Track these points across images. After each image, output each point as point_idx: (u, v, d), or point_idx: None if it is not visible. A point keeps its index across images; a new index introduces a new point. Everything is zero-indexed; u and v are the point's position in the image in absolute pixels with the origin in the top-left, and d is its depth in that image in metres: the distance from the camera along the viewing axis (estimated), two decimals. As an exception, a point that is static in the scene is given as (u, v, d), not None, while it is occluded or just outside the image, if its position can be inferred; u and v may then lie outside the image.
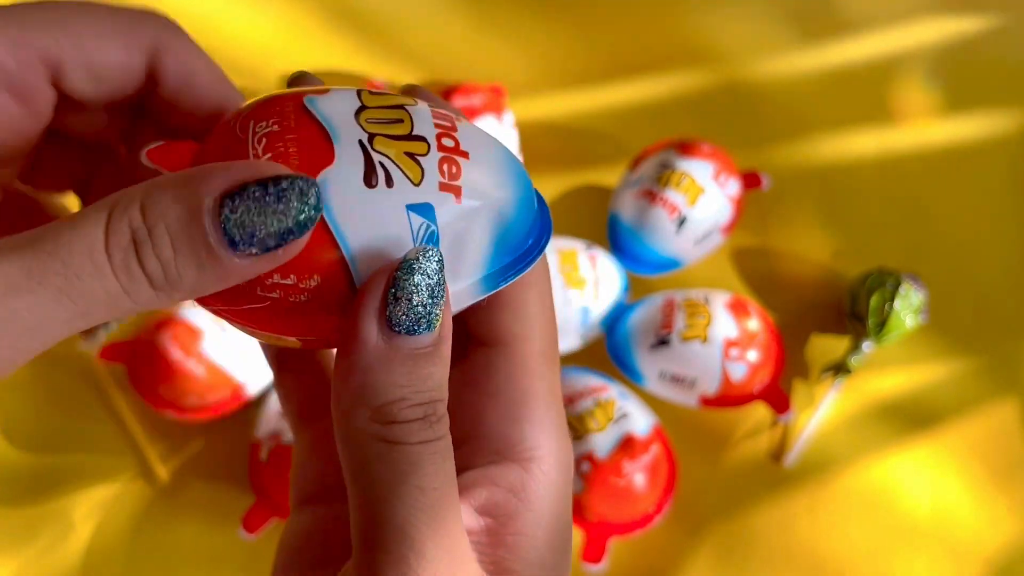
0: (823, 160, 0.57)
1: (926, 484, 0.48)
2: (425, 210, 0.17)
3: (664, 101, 0.59)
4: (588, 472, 0.43)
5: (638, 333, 0.48)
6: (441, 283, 0.16)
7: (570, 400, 0.45)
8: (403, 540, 0.16)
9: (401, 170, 0.17)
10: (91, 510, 0.48)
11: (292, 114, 0.17)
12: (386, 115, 0.17)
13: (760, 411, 0.49)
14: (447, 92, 0.54)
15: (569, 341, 0.48)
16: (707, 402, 0.47)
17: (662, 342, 0.46)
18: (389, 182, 0.16)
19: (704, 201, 0.50)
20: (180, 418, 0.47)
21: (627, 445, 0.43)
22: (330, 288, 0.17)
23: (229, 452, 0.48)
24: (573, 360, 0.49)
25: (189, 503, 0.48)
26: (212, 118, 0.19)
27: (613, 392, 0.46)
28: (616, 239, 0.51)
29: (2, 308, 0.14)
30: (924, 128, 0.58)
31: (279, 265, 0.16)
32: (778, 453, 0.48)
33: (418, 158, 0.17)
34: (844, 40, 0.61)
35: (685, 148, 0.51)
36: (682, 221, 0.49)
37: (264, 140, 0.17)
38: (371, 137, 0.17)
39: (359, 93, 0.18)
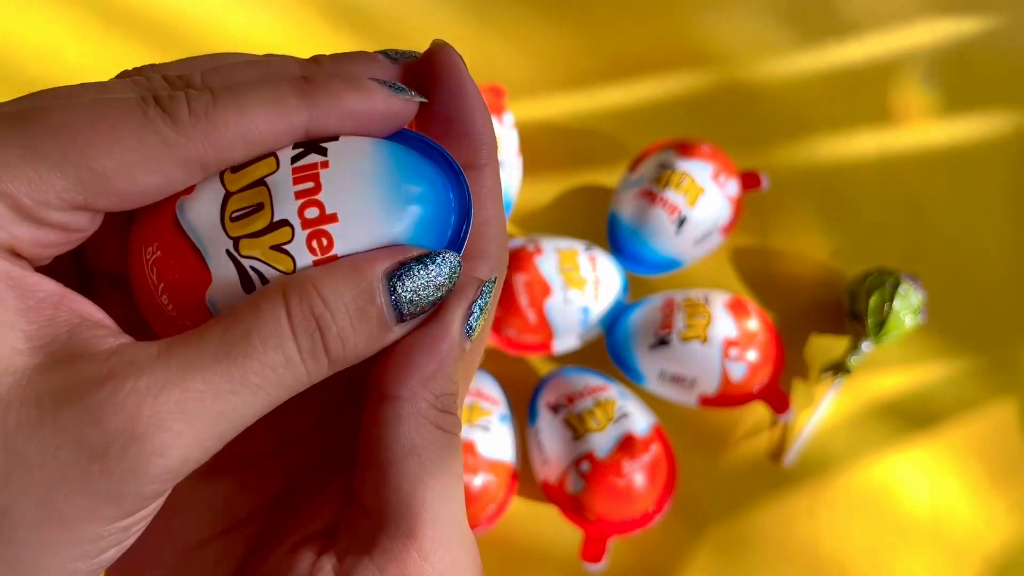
0: (822, 160, 0.57)
1: (925, 483, 0.48)
2: None
3: (664, 101, 0.59)
4: (588, 472, 0.43)
5: (638, 333, 0.48)
6: (440, 288, 0.18)
7: (570, 400, 0.45)
8: (443, 524, 0.17)
9: (272, 267, 0.17)
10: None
11: (168, 233, 0.17)
12: (247, 202, 0.17)
13: (759, 411, 0.49)
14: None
15: (569, 341, 0.48)
16: (707, 402, 0.47)
17: (662, 342, 0.47)
18: (264, 282, 0.17)
19: (704, 201, 0.50)
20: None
21: (627, 444, 0.44)
22: None
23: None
24: (573, 360, 0.49)
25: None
26: None
27: (613, 392, 0.46)
28: (616, 239, 0.51)
29: (211, 411, 0.15)
30: (923, 129, 0.58)
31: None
32: (777, 453, 0.48)
33: (285, 247, 0.17)
34: (843, 41, 0.61)
35: (685, 148, 0.51)
36: (682, 221, 0.49)
37: (155, 270, 0.17)
38: (236, 242, 0.17)
39: (222, 177, 0.18)
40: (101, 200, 0.16)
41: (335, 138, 0.18)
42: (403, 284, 0.17)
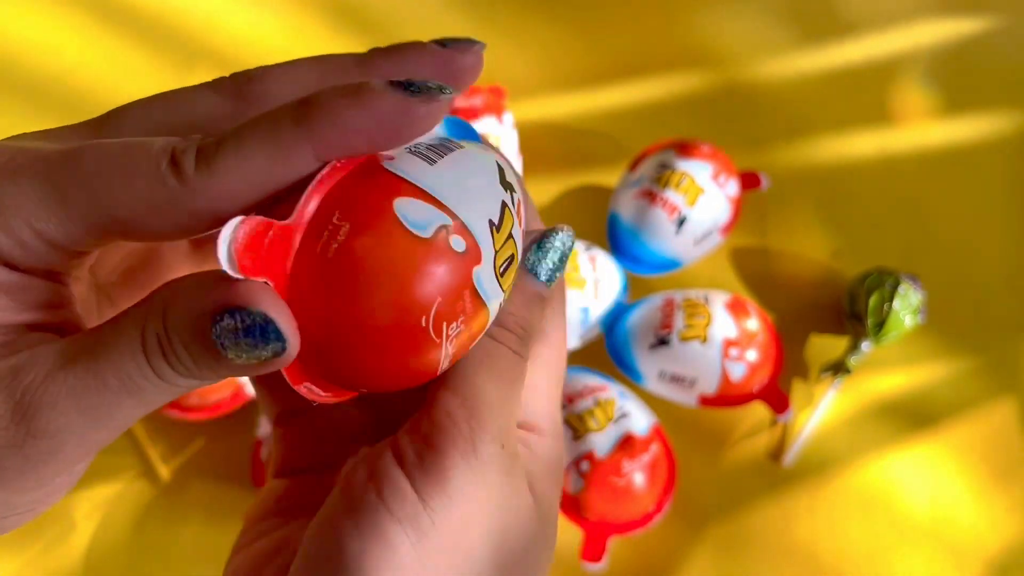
0: (822, 160, 0.57)
1: (925, 483, 0.48)
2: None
3: (663, 102, 0.59)
4: (588, 471, 0.43)
5: (638, 333, 0.48)
6: (568, 257, 0.21)
7: (570, 400, 0.45)
8: (478, 394, 0.19)
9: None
10: (93, 509, 0.48)
11: (461, 284, 0.17)
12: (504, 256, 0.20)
13: (759, 411, 0.49)
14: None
15: (569, 341, 0.48)
16: (706, 402, 0.47)
17: (662, 342, 0.47)
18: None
19: (703, 201, 0.50)
20: (181, 417, 0.47)
21: (627, 444, 0.44)
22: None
23: (231, 451, 0.48)
24: (573, 360, 0.49)
25: (190, 502, 0.48)
26: None
27: (613, 392, 0.46)
28: (616, 239, 0.51)
29: (80, 404, 0.16)
30: (923, 129, 0.58)
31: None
32: (777, 452, 0.49)
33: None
34: (843, 41, 0.61)
35: (684, 148, 0.51)
36: (681, 221, 0.49)
37: (450, 336, 0.18)
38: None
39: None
40: (116, 238, 0.18)
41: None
42: (223, 331, 0.16)
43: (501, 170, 0.19)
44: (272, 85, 0.19)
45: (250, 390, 0.47)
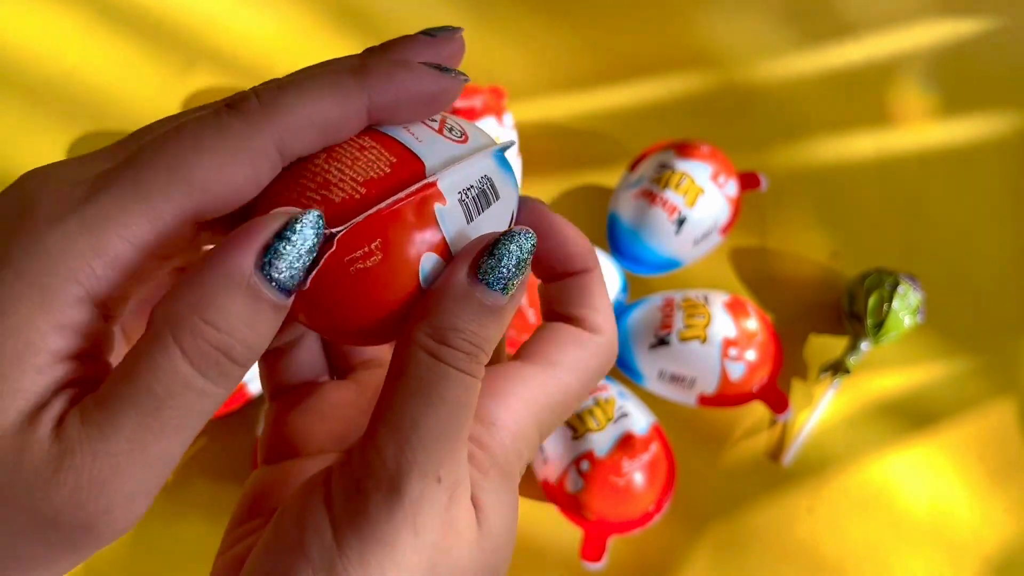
0: (821, 161, 0.57)
1: (924, 483, 0.48)
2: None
3: (663, 102, 0.59)
4: (587, 471, 0.43)
5: (637, 333, 0.48)
6: (527, 262, 0.19)
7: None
8: (411, 425, 0.18)
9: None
10: (94, 509, 0.48)
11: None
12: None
13: (759, 410, 0.49)
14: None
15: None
16: (706, 401, 0.47)
17: (661, 342, 0.47)
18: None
19: (703, 202, 0.50)
20: (182, 417, 0.47)
21: (626, 444, 0.44)
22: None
23: (232, 451, 0.48)
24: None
25: (192, 502, 0.48)
26: None
27: (612, 391, 0.46)
28: (615, 239, 0.51)
29: (141, 463, 0.16)
30: (922, 130, 0.58)
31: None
32: (776, 452, 0.49)
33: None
34: (842, 42, 0.61)
35: (684, 149, 0.51)
36: (681, 221, 0.50)
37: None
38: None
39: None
40: (208, 206, 0.17)
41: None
42: (275, 267, 0.17)
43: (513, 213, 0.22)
44: (288, 97, 0.19)
45: (252, 389, 0.48)
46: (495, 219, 0.20)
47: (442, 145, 0.20)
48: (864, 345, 0.49)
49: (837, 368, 0.49)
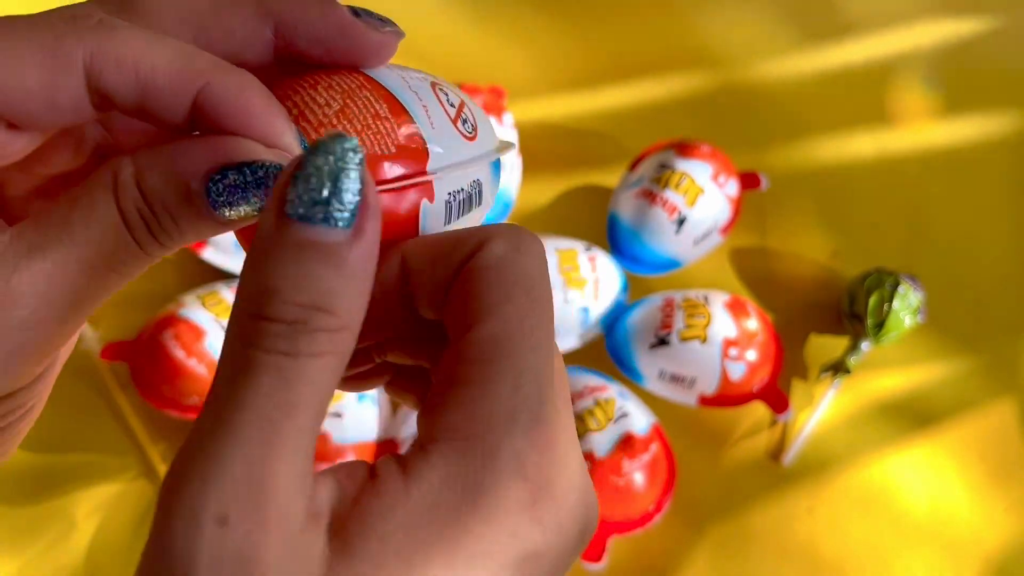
0: (822, 161, 0.57)
1: (924, 483, 0.48)
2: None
3: (663, 102, 0.59)
4: (587, 471, 0.43)
5: (637, 333, 0.48)
6: (353, 175, 0.14)
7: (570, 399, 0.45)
8: (205, 458, 0.14)
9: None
10: (93, 509, 0.48)
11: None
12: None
13: (759, 410, 0.49)
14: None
15: (569, 341, 0.48)
16: (706, 401, 0.47)
17: (661, 342, 0.47)
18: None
19: (703, 202, 0.50)
20: (182, 417, 0.47)
21: (626, 444, 0.44)
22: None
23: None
24: (573, 360, 0.49)
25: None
26: None
27: (613, 391, 0.46)
28: (616, 239, 0.51)
29: (63, 290, 0.16)
30: (922, 130, 0.58)
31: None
32: (777, 452, 0.49)
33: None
34: (843, 42, 0.61)
35: (684, 149, 0.51)
36: (681, 221, 0.50)
37: None
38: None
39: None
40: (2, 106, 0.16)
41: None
42: (219, 189, 0.16)
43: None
44: None
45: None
46: (471, 223, 0.20)
47: (451, 139, 0.19)
48: (864, 345, 0.49)
49: (837, 368, 0.49)
